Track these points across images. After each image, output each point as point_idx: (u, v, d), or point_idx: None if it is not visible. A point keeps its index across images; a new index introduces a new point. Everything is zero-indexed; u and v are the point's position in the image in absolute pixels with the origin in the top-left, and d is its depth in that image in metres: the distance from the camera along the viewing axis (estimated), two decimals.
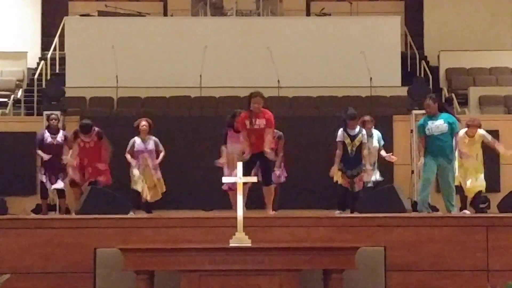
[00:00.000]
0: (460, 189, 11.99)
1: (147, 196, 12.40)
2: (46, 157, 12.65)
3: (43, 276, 8.42)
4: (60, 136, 12.66)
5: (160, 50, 17.96)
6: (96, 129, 12.18)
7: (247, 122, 10.31)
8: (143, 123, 12.46)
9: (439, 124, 10.75)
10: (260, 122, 10.27)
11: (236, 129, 11.08)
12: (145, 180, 12.37)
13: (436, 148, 10.76)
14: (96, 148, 12.10)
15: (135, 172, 12.34)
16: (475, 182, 12.02)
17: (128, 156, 12.39)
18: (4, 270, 8.10)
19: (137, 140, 12.40)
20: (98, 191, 10.13)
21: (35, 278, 8.41)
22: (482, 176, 12.06)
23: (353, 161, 11.82)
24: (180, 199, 13.86)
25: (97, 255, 8.14)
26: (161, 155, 12.43)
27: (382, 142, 12.60)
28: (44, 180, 12.74)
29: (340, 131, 11.87)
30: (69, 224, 8.65)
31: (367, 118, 12.46)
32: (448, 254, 8.49)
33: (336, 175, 11.86)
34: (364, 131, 11.95)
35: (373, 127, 12.52)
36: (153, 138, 12.47)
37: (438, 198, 11.64)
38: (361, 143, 11.88)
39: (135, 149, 12.37)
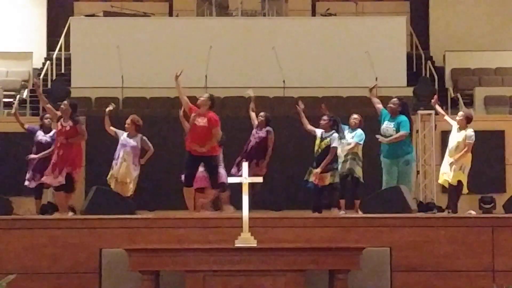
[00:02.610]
0: (451, 189, 11.86)
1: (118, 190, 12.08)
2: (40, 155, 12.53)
3: (48, 276, 8.43)
4: (50, 135, 12.60)
5: (166, 51, 17.96)
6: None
7: (192, 116, 10.62)
8: (128, 121, 12.16)
9: (388, 127, 11.03)
10: (202, 120, 10.54)
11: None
12: (116, 175, 12.03)
13: (385, 149, 11.06)
14: (72, 132, 11.55)
15: (113, 165, 12.03)
16: (445, 170, 11.81)
17: (109, 129, 12.12)
18: (9, 270, 8.11)
19: (123, 135, 12.12)
20: (103, 192, 10.13)
21: (40, 278, 8.42)
22: (455, 167, 11.77)
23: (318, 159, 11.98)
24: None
25: (102, 255, 8.14)
26: (148, 153, 12.12)
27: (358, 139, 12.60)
28: (27, 177, 12.56)
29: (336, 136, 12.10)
30: (74, 225, 8.65)
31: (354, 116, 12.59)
32: (453, 255, 8.48)
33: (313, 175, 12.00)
34: (333, 134, 12.02)
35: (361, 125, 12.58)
36: (142, 136, 12.18)
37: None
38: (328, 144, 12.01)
39: (120, 142, 12.09)
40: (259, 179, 8.49)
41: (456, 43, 19.63)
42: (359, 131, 12.40)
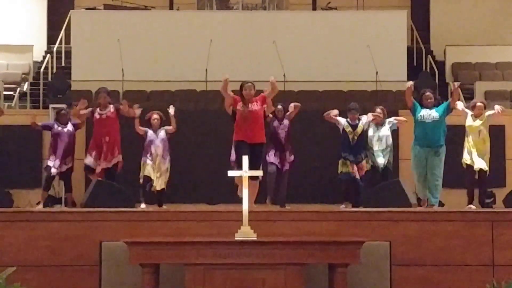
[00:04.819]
0: (468, 181, 11.85)
1: (156, 186, 12.41)
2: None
3: (48, 269, 8.45)
4: (69, 125, 12.60)
5: (166, 44, 17.95)
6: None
7: (240, 104, 10.30)
8: (155, 116, 12.49)
9: (431, 112, 11.09)
10: (253, 106, 10.31)
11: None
12: (155, 169, 12.37)
13: (426, 136, 11.12)
14: (112, 118, 12.14)
15: (148, 161, 12.37)
16: (478, 159, 11.82)
17: (138, 129, 12.40)
18: (9, 262, 8.13)
19: (149, 131, 12.47)
20: (104, 184, 10.15)
21: (41, 271, 8.43)
22: (486, 157, 11.79)
23: (354, 149, 12.13)
24: (186, 193, 13.86)
25: (102, 248, 8.15)
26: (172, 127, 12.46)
27: (394, 127, 12.77)
28: (51, 164, 12.52)
29: (344, 119, 12.33)
30: (75, 217, 8.66)
31: (378, 110, 12.63)
32: (453, 249, 8.50)
33: (342, 165, 12.15)
34: (364, 120, 12.21)
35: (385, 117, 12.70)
36: (164, 127, 12.51)
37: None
38: (363, 132, 12.23)
39: (148, 138, 12.39)
40: (260, 173, 8.51)
41: (456, 38, 19.61)
42: (389, 120, 12.71)
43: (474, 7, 20.10)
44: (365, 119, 12.37)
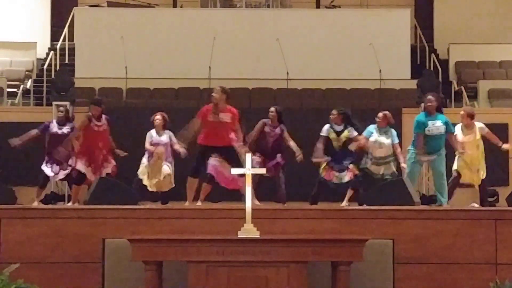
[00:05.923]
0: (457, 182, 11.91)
1: (154, 187, 12.42)
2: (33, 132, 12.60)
3: (51, 266, 8.44)
4: (66, 128, 12.59)
5: (169, 41, 17.98)
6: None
7: (211, 115, 10.28)
8: (157, 117, 12.50)
9: (439, 126, 11.24)
10: (224, 116, 10.27)
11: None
12: (153, 172, 12.37)
13: (431, 148, 11.36)
14: (106, 130, 12.12)
15: (144, 161, 12.41)
16: (475, 174, 11.85)
17: (149, 147, 12.41)
18: (12, 259, 8.13)
19: (153, 133, 12.46)
20: (107, 182, 10.14)
21: (43, 268, 8.43)
22: (482, 166, 11.84)
23: (339, 156, 11.90)
24: None
25: (105, 245, 8.14)
26: (177, 147, 12.12)
27: (396, 140, 12.37)
28: (46, 170, 12.59)
29: (327, 126, 12.04)
30: (78, 214, 8.66)
31: (380, 115, 12.33)
32: (456, 247, 8.49)
33: (322, 167, 12.04)
34: (350, 128, 11.95)
35: (388, 124, 12.36)
36: (168, 132, 12.49)
37: None
38: (348, 139, 11.91)
39: (152, 141, 12.41)
40: (262, 170, 8.50)
41: (460, 36, 19.61)
42: (394, 131, 12.29)
43: (477, 5, 20.09)
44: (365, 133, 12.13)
